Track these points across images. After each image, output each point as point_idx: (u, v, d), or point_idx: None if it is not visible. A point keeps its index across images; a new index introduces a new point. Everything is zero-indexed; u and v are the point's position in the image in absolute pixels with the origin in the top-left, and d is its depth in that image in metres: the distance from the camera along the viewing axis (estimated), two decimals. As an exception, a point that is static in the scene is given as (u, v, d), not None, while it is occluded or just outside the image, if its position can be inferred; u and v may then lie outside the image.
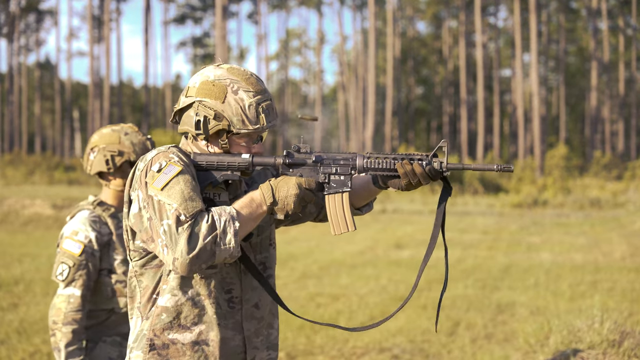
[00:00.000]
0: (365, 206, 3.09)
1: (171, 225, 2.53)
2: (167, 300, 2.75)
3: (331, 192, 2.81)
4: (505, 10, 68.21)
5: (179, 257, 2.50)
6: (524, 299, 11.03)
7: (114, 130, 4.17)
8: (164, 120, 71.65)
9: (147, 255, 2.78)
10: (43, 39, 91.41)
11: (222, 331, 2.78)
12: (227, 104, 2.73)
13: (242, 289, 2.84)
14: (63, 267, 3.93)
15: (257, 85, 2.79)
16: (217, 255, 2.55)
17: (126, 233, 2.81)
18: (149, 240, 2.64)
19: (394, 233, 19.39)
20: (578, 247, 17.05)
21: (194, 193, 2.61)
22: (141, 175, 2.69)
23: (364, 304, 10.58)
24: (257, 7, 72.15)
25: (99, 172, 4.16)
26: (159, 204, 2.59)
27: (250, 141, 2.82)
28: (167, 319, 2.75)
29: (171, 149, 2.75)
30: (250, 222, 2.66)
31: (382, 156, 2.79)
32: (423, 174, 2.75)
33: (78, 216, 4.07)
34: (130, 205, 2.76)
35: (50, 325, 3.92)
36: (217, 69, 2.82)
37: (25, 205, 22.01)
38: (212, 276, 2.77)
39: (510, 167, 2.73)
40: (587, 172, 48.01)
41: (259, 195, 2.70)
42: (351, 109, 66.44)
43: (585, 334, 5.69)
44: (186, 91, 2.82)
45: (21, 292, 11.16)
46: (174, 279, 2.75)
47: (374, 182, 2.93)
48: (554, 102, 75.52)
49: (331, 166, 2.80)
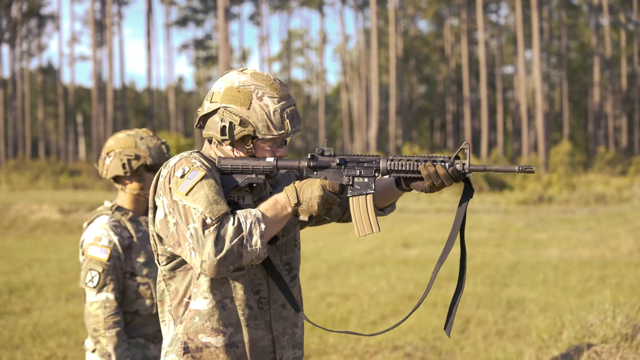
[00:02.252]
0: (388, 207, 3.15)
1: (197, 229, 2.58)
2: (199, 303, 2.80)
3: (355, 194, 2.85)
4: (507, 7, 68.18)
5: (207, 259, 2.55)
6: (534, 295, 11.07)
7: (130, 135, 4.21)
8: (168, 123, 71.74)
9: (175, 260, 2.83)
10: (45, 44, 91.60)
11: (252, 332, 2.83)
12: (253, 110, 2.77)
13: (270, 290, 2.89)
14: (92, 274, 3.97)
15: (281, 91, 2.82)
16: (244, 256, 2.59)
17: (153, 238, 2.86)
18: (176, 245, 2.68)
19: (401, 232, 19.44)
20: (585, 243, 17.08)
21: (219, 196, 2.66)
22: (165, 181, 2.74)
23: (374, 302, 10.62)
24: (258, 8, 72.22)
25: (115, 176, 4.21)
26: (185, 208, 2.63)
27: (274, 145, 2.86)
28: (200, 322, 2.80)
29: (193, 154, 2.79)
30: (275, 223, 2.71)
31: (405, 158, 2.83)
32: (446, 175, 2.78)
33: (98, 222, 4.11)
34: (155, 211, 2.81)
35: (91, 333, 3.95)
36: (241, 74, 2.85)
37: (32, 211, 22.08)
38: (240, 278, 2.82)
39: (531, 168, 2.76)
40: (592, 168, 47.99)
41: (284, 197, 2.74)
42: (354, 109, 66.49)
43: (598, 329, 5.73)
44: (210, 97, 2.85)
45: (33, 296, 11.21)
46: (204, 282, 2.79)
47: (397, 184, 2.98)
48: (556, 98, 75.49)
49: (355, 168, 2.84)
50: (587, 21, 68.29)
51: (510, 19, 69.45)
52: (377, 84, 54.49)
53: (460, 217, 2.88)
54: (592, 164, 49.86)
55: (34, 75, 78.07)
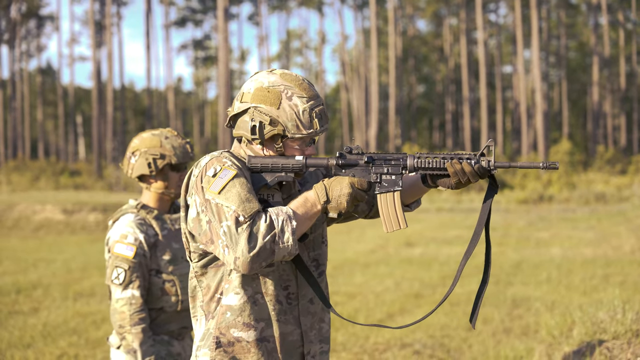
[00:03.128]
0: (414, 203, 3.21)
1: (231, 227, 2.64)
2: (231, 299, 2.86)
3: (383, 191, 2.92)
4: (506, 6, 68.23)
5: (240, 256, 2.61)
6: (539, 293, 11.14)
7: (155, 135, 4.27)
8: (167, 123, 71.75)
9: (207, 256, 2.89)
10: (44, 45, 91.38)
11: (282, 327, 2.89)
12: (282, 110, 2.83)
13: (298, 285, 2.95)
14: (119, 271, 4.03)
15: (310, 91, 2.89)
16: (276, 253, 2.66)
17: (185, 236, 2.92)
18: (209, 242, 2.74)
19: (403, 231, 19.47)
20: (587, 242, 17.15)
21: (250, 194, 2.72)
22: (197, 180, 2.81)
23: (380, 301, 10.69)
24: (257, 8, 72.23)
25: (140, 175, 4.27)
26: (217, 207, 2.70)
27: (303, 144, 2.93)
28: (232, 317, 2.86)
29: (223, 154, 2.86)
30: (306, 221, 2.78)
31: (432, 156, 2.89)
32: (472, 172, 2.86)
33: (123, 220, 4.17)
34: (187, 210, 2.88)
35: (117, 330, 4.02)
36: (271, 74, 2.91)
37: (35, 211, 22.11)
38: (270, 274, 2.88)
39: (555, 164, 2.84)
40: (591, 167, 48.06)
41: (313, 194, 2.81)
42: (354, 109, 66.53)
43: (608, 325, 5.80)
44: (240, 97, 2.92)
45: (40, 296, 11.27)
46: (236, 278, 2.85)
47: (423, 182, 3.04)
48: (555, 97, 75.56)
49: (382, 166, 2.91)
50: (585, 20, 68.36)
51: (509, 18, 69.55)
52: (377, 84, 54.54)
53: (485, 213, 2.97)
54: (591, 163, 49.93)
55: (33, 76, 78.08)
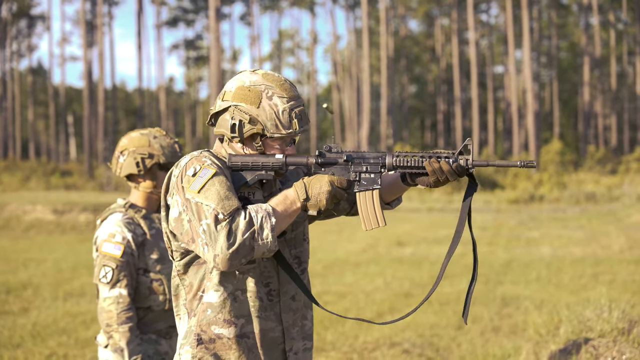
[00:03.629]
0: (395, 200, 3.24)
1: (210, 224, 2.67)
2: (211, 296, 2.89)
3: (362, 189, 2.94)
4: (497, 7, 68.35)
5: (220, 253, 2.64)
6: (528, 292, 11.19)
7: (143, 134, 4.29)
8: (159, 123, 71.63)
9: (189, 255, 2.92)
10: (35, 44, 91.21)
11: (262, 323, 2.92)
12: (262, 109, 2.86)
13: (280, 282, 2.97)
14: (106, 270, 4.04)
15: (291, 92, 2.92)
16: (255, 250, 2.68)
17: (166, 235, 2.95)
18: (190, 241, 2.77)
19: (394, 231, 19.54)
20: (577, 241, 17.23)
21: (230, 192, 2.75)
22: (177, 180, 2.83)
23: (370, 300, 10.72)
24: (249, 8, 72.22)
25: (129, 175, 4.28)
26: (197, 205, 2.73)
27: (283, 144, 2.95)
28: (212, 314, 2.88)
29: (203, 153, 2.89)
30: (285, 218, 2.80)
31: (411, 154, 2.91)
32: (450, 170, 2.87)
33: (111, 219, 4.19)
34: (167, 210, 2.90)
35: (104, 328, 4.03)
36: (253, 74, 2.94)
37: (26, 211, 22.08)
38: (251, 271, 2.90)
39: (533, 162, 2.86)
40: (582, 167, 48.21)
41: (293, 192, 2.83)
42: (345, 109, 66.57)
43: (595, 323, 5.84)
44: (222, 95, 2.95)
45: (30, 296, 11.27)
46: (215, 275, 2.88)
47: (402, 180, 3.07)
48: (546, 97, 75.73)
49: (362, 165, 2.93)
50: (576, 21, 68.52)
51: (501, 18, 69.67)
52: (368, 84, 54.60)
53: (465, 212, 2.98)
54: (582, 163, 50.08)
55: (24, 76, 77.87)
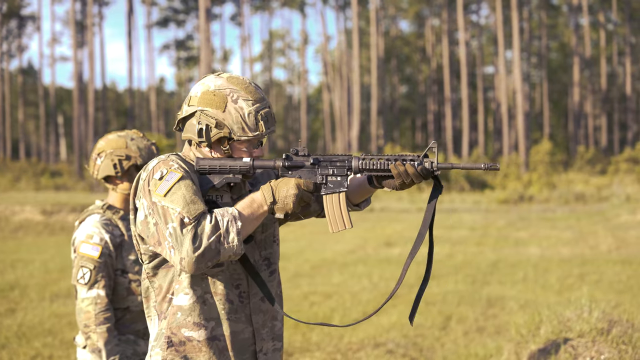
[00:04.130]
0: (364, 202, 3.25)
1: (176, 228, 2.69)
2: (181, 299, 2.91)
3: (328, 192, 2.97)
4: (487, 7, 68.44)
5: (186, 256, 2.66)
6: (514, 292, 11.23)
7: (120, 136, 4.31)
8: (149, 123, 71.60)
9: (157, 258, 2.94)
10: (25, 45, 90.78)
11: (233, 325, 2.95)
12: (228, 112, 2.88)
13: (249, 284, 3.00)
14: (84, 271, 4.06)
15: (256, 94, 2.94)
16: (221, 253, 2.71)
17: (135, 238, 2.97)
18: (157, 244, 2.79)
19: (383, 231, 19.57)
20: (565, 241, 17.28)
21: (196, 196, 2.77)
22: (144, 184, 2.86)
23: (356, 301, 10.74)
24: (240, 9, 72.17)
25: (106, 177, 4.30)
26: (163, 209, 2.75)
27: (250, 146, 2.98)
28: (182, 317, 2.91)
29: (171, 157, 2.91)
30: (252, 221, 2.83)
31: (376, 157, 2.95)
32: (415, 173, 2.91)
33: (89, 220, 4.20)
34: (135, 212, 2.93)
35: (82, 329, 4.04)
36: (218, 78, 2.96)
37: (14, 212, 22.05)
38: (220, 273, 2.93)
39: (496, 165, 2.91)
40: (572, 167, 48.39)
41: (260, 195, 2.86)
42: (336, 109, 66.58)
43: (574, 324, 5.87)
44: (188, 100, 2.97)
45: (17, 297, 11.25)
46: (185, 279, 2.91)
47: (369, 182, 3.09)
48: (537, 98, 75.93)
49: (328, 168, 2.97)
50: (566, 21, 68.71)
51: (491, 19, 69.75)
52: (359, 84, 54.65)
53: (430, 213, 3.02)
54: (572, 163, 50.25)
55: (14, 76, 77.64)
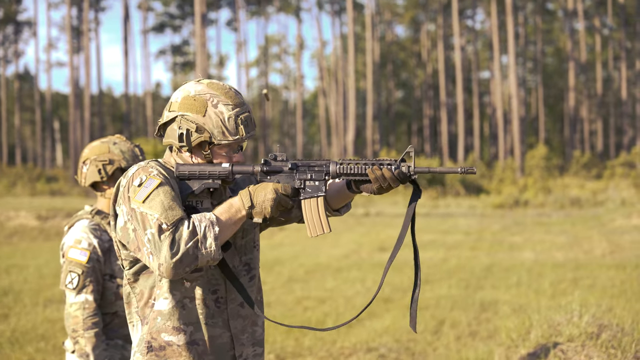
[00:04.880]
0: (344, 207, 3.27)
1: (154, 234, 2.72)
2: (161, 304, 2.94)
3: (307, 196, 3.00)
4: (483, 12, 68.63)
5: (164, 262, 2.69)
6: (507, 297, 11.24)
7: (103, 142, 4.36)
8: (145, 128, 71.53)
9: (138, 264, 2.97)
10: (22, 50, 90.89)
11: (210, 330, 2.97)
12: (208, 117, 2.91)
13: (227, 290, 3.02)
14: (72, 276, 4.08)
15: (236, 99, 2.97)
16: (199, 258, 2.73)
17: (116, 244, 3.00)
18: (136, 250, 2.82)
19: (377, 236, 19.58)
20: (559, 246, 17.30)
21: (174, 202, 2.80)
22: (124, 190, 2.88)
23: (350, 305, 10.76)
24: (235, 14, 72.19)
25: (93, 183, 4.33)
26: (142, 215, 2.78)
27: (230, 151, 3.01)
28: (162, 322, 2.94)
29: (150, 164, 2.94)
30: (230, 226, 2.85)
31: (354, 162, 2.97)
32: (392, 177, 2.93)
33: (78, 225, 4.23)
34: (116, 219, 2.95)
35: (70, 334, 4.06)
36: (198, 84, 3.00)
37: (9, 217, 22.04)
38: (198, 279, 2.95)
39: (473, 169, 2.93)
40: (567, 172, 48.39)
41: (238, 200, 2.88)
42: (332, 114, 66.59)
43: (564, 328, 5.89)
44: (169, 106, 3.00)
45: (10, 302, 11.24)
46: (165, 283, 2.94)
47: (348, 187, 3.11)
48: (532, 102, 76.01)
49: (306, 172, 3.00)
50: (562, 26, 68.82)
51: (486, 24, 69.89)
52: (355, 89, 54.68)
53: (409, 218, 3.04)
54: (567, 168, 50.26)
55: (10, 82, 77.56)
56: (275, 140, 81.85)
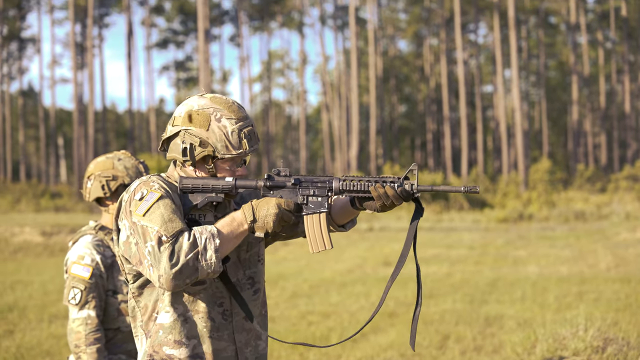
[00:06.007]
0: (349, 223, 3.25)
1: (154, 246, 2.73)
2: (163, 317, 2.95)
3: (309, 212, 3.00)
4: (485, 27, 68.74)
5: (163, 273, 2.70)
6: (512, 311, 11.21)
7: (108, 158, 4.38)
8: (149, 144, 71.61)
9: (142, 277, 2.98)
10: (26, 67, 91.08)
11: (215, 343, 2.96)
12: (211, 131, 2.92)
13: (232, 303, 3.02)
14: (75, 292, 4.10)
15: (239, 113, 2.98)
16: (199, 270, 2.74)
17: (119, 259, 3.01)
18: (138, 263, 2.83)
19: (381, 251, 19.56)
20: (564, 260, 17.26)
21: (174, 215, 2.81)
22: (126, 205, 2.90)
23: (354, 320, 10.74)
24: (238, 30, 72.38)
25: (97, 198, 4.35)
26: (143, 228, 2.79)
27: (234, 165, 3.01)
28: (164, 335, 2.94)
29: (152, 178, 2.95)
30: (231, 239, 2.85)
31: (357, 179, 2.97)
32: (395, 195, 2.92)
33: (81, 241, 4.24)
34: (119, 233, 2.96)
35: (73, 350, 4.07)
36: (201, 98, 3.01)
37: (14, 233, 22.06)
38: (202, 292, 2.95)
39: (476, 188, 2.93)
40: (571, 186, 48.35)
41: (240, 214, 2.89)
42: (335, 129, 66.65)
43: (570, 342, 5.88)
44: (172, 121, 3.01)
45: (15, 318, 11.24)
46: (167, 297, 2.94)
47: (351, 204, 3.10)
48: (536, 116, 76.04)
49: (309, 188, 2.99)
50: (565, 40, 68.90)
51: (489, 38, 70.01)
52: (358, 104, 54.72)
53: (412, 235, 3.03)
54: (571, 182, 50.22)
55: (14, 98, 77.72)
56: (278, 155, 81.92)
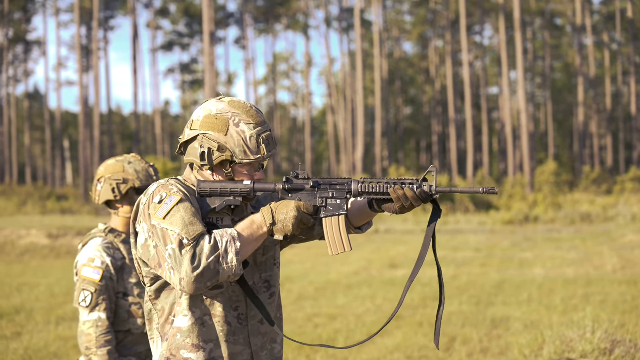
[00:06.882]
0: (366, 225, 3.27)
1: (175, 249, 2.73)
2: (180, 321, 2.95)
3: (328, 215, 3.01)
4: (491, 28, 68.71)
5: (185, 276, 2.70)
6: (518, 313, 11.21)
7: (118, 161, 4.39)
8: (155, 147, 71.74)
9: (159, 280, 2.98)
10: (31, 70, 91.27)
11: (231, 347, 2.97)
12: (230, 136, 2.93)
13: (248, 306, 3.03)
14: (85, 294, 4.11)
15: (257, 117, 2.98)
16: (220, 274, 2.74)
17: (136, 262, 3.01)
18: (157, 267, 2.83)
19: (387, 253, 19.56)
20: (570, 262, 17.25)
21: (195, 218, 2.81)
22: (144, 208, 2.90)
23: (361, 323, 10.74)
24: (244, 32, 72.44)
25: (107, 201, 4.36)
26: (163, 231, 2.79)
27: (252, 169, 3.02)
28: (181, 339, 2.94)
29: (170, 181, 2.96)
30: (251, 242, 2.86)
31: (376, 181, 2.98)
32: (414, 197, 2.94)
33: (91, 243, 4.26)
34: (136, 237, 2.97)
35: (83, 352, 4.09)
36: (219, 102, 3.01)
37: (21, 236, 22.10)
38: (219, 295, 2.96)
39: (494, 189, 2.94)
40: (577, 187, 48.30)
41: (260, 217, 2.89)
42: (340, 131, 66.65)
43: (577, 344, 5.88)
44: (190, 124, 3.02)
45: (23, 321, 11.27)
46: (185, 300, 2.94)
47: (369, 206, 3.11)
48: (541, 118, 75.94)
49: (328, 191, 3.00)
50: (570, 41, 68.82)
51: (495, 40, 69.95)
52: (363, 106, 54.69)
53: (430, 237, 3.05)
54: (577, 184, 50.17)
55: (20, 101, 77.90)
56: (284, 157, 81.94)
